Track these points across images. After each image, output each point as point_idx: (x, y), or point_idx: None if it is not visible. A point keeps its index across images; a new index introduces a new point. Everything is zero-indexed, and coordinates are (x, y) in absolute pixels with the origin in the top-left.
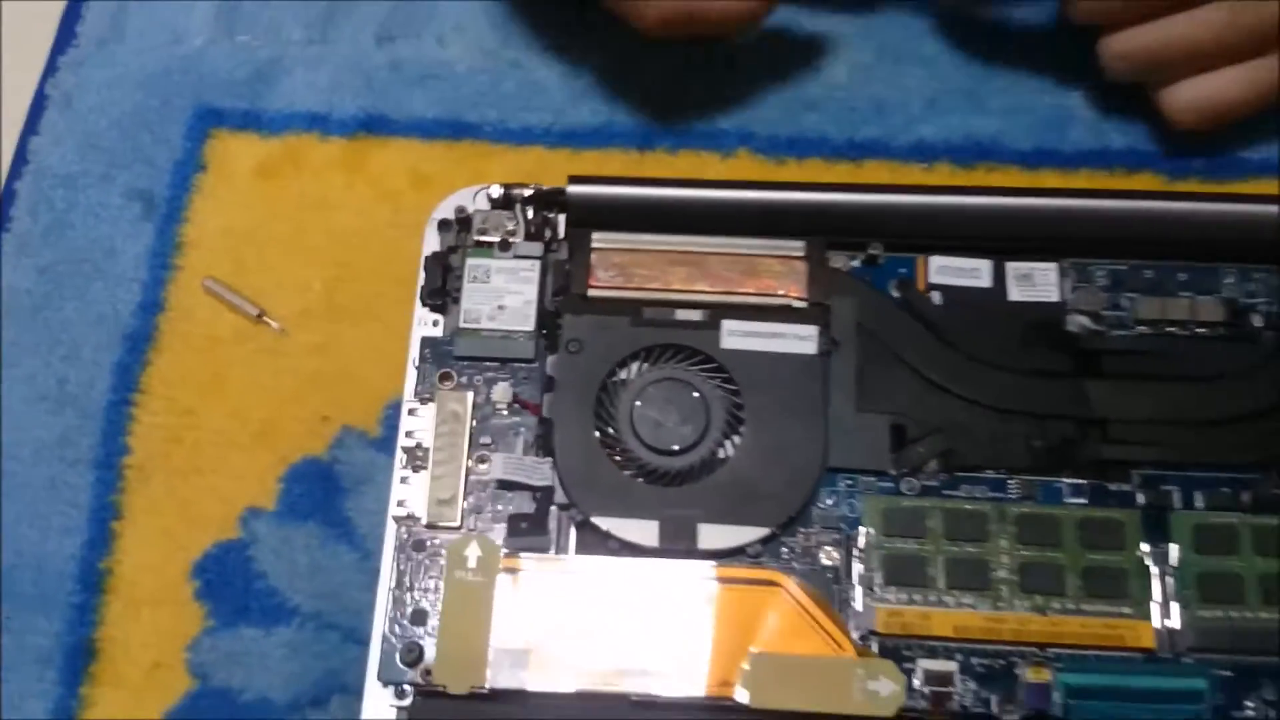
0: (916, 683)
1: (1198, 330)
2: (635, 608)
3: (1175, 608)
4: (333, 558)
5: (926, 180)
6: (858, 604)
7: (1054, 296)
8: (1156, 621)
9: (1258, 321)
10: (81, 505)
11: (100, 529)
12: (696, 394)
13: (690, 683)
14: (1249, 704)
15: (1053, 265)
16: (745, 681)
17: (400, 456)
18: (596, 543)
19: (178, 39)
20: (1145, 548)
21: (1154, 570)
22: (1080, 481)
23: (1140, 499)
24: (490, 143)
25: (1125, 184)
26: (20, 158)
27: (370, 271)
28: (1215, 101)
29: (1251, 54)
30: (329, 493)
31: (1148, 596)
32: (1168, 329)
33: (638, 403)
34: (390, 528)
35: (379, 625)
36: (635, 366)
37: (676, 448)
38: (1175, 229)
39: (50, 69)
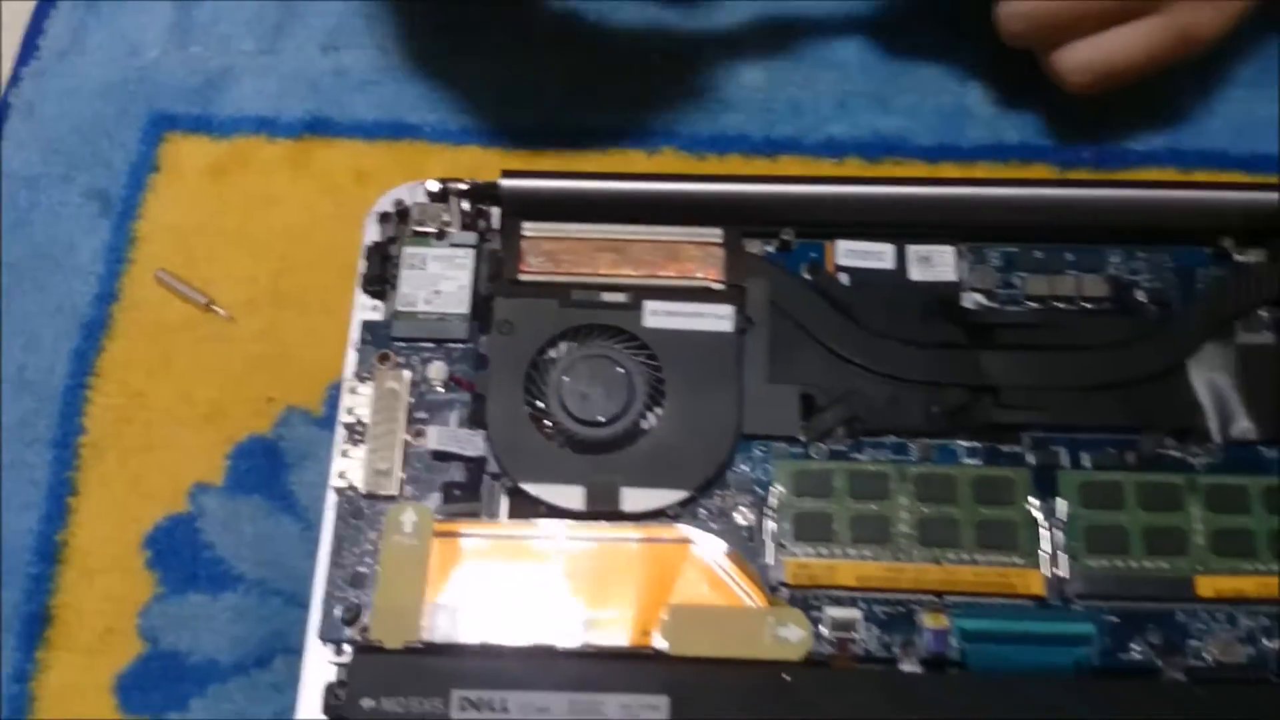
0: (823, 630)
1: (1084, 305)
2: (562, 567)
3: (1064, 558)
4: (277, 528)
5: (836, 174)
6: (769, 558)
7: (951, 276)
8: (1046, 571)
9: (1140, 296)
10: (39, 482)
11: (57, 504)
12: (620, 370)
13: (613, 634)
14: (1135, 647)
15: (950, 248)
16: (664, 631)
17: (340, 432)
18: (526, 508)
19: (134, 51)
20: (1035, 503)
21: (1043, 524)
22: (975, 444)
23: (1030, 459)
24: (429, 142)
25: (1018, 174)
26: None
27: (314, 263)
28: (1108, 62)
29: (1143, 13)
30: (274, 468)
31: (1037, 548)
32: (1055, 304)
33: (565, 378)
34: (330, 497)
35: (319, 587)
36: (563, 346)
37: (602, 419)
38: (1063, 214)
39: (14, 80)
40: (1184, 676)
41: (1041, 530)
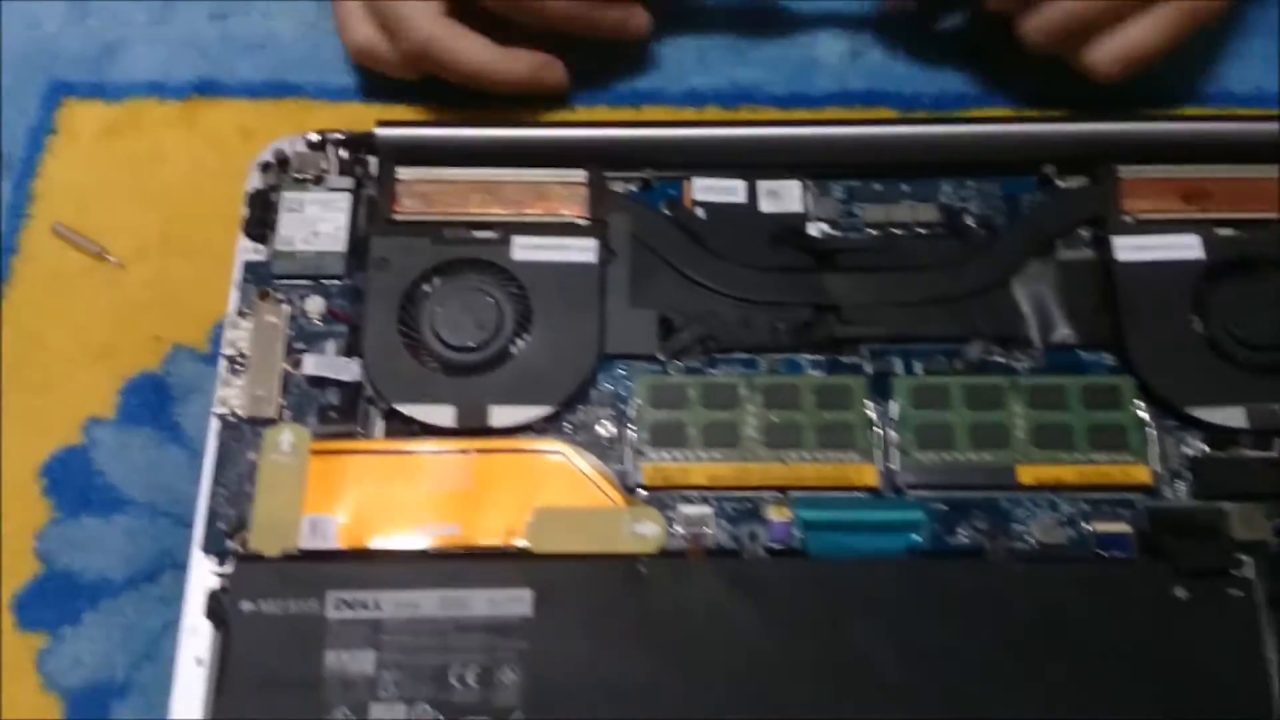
0: (677, 526)
1: (918, 230)
2: (434, 479)
3: (896, 454)
4: (165, 457)
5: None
6: (628, 464)
7: (798, 208)
8: (880, 465)
9: (970, 221)
10: None
11: None
12: (490, 299)
13: (482, 537)
14: (962, 531)
15: (796, 183)
16: (529, 531)
17: (223, 364)
18: (401, 428)
19: (33, 26)
20: (870, 406)
21: (878, 425)
22: (818, 357)
23: (868, 369)
24: (310, 99)
25: (860, 116)
26: None
27: (201, 213)
28: (1135, 51)
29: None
30: (162, 401)
31: (872, 445)
32: (892, 230)
33: (438, 308)
34: (213, 423)
35: (203, 503)
36: (437, 280)
37: (472, 344)
38: (899, 150)
39: None
40: (1008, 558)
41: (876, 430)
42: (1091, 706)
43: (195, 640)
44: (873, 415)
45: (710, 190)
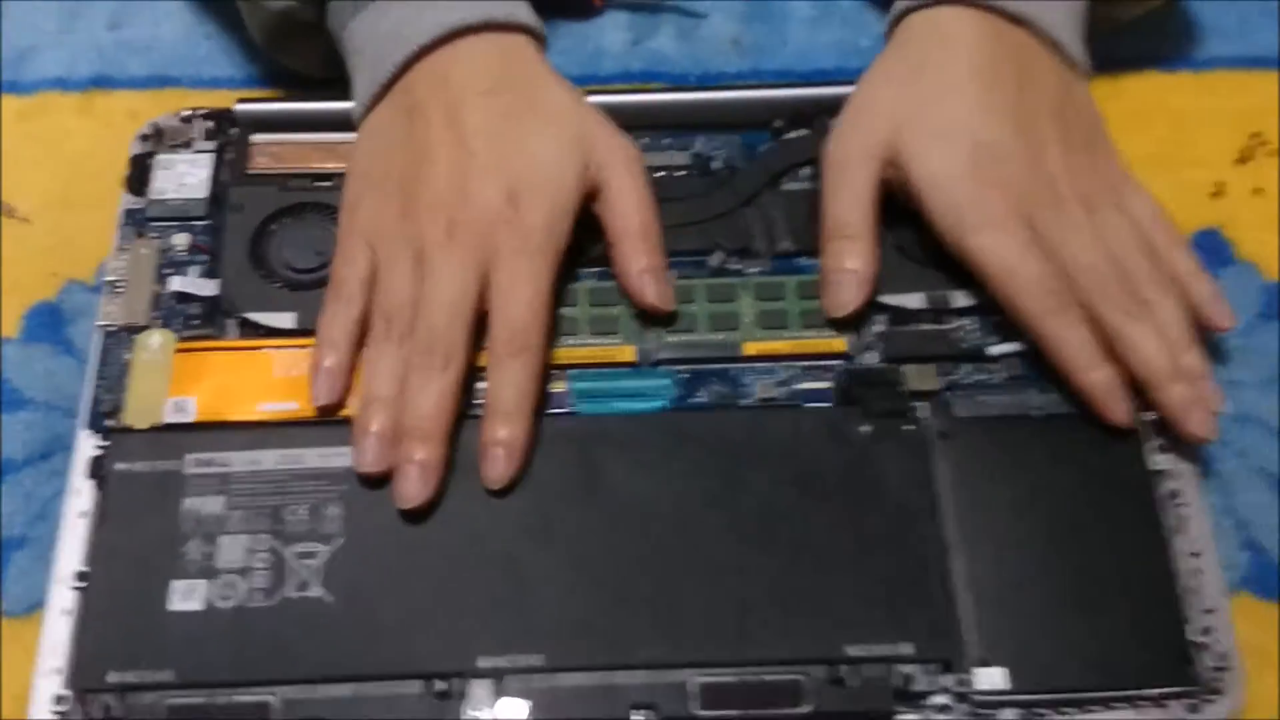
0: (475, 399)
1: (675, 173)
2: (275, 369)
3: (650, 336)
4: (59, 366)
5: None
6: None
7: None
8: (636, 346)
9: (716, 165)
10: None
11: None
12: (326, 232)
13: (309, 409)
14: (701, 393)
15: None
16: (354, 404)
17: (105, 289)
18: (251, 335)
19: None
20: (632, 306)
21: (636, 317)
22: (592, 269)
23: None
24: (188, 89)
25: (633, 88)
26: None
27: (96, 178)
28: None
29: None
30: (57, 324)
31: (631, 330)
32: (655, 172)
33: (285, 239)
34: (96, 333)
35: (88, 390)
36: (285, 220)
37: (311, 267)
38: (660, 113)
39: None
40: (735, 409)
41: (635, 321)
42: (799, 517)
43: (79, 499)
44: (631, 311)
45: None
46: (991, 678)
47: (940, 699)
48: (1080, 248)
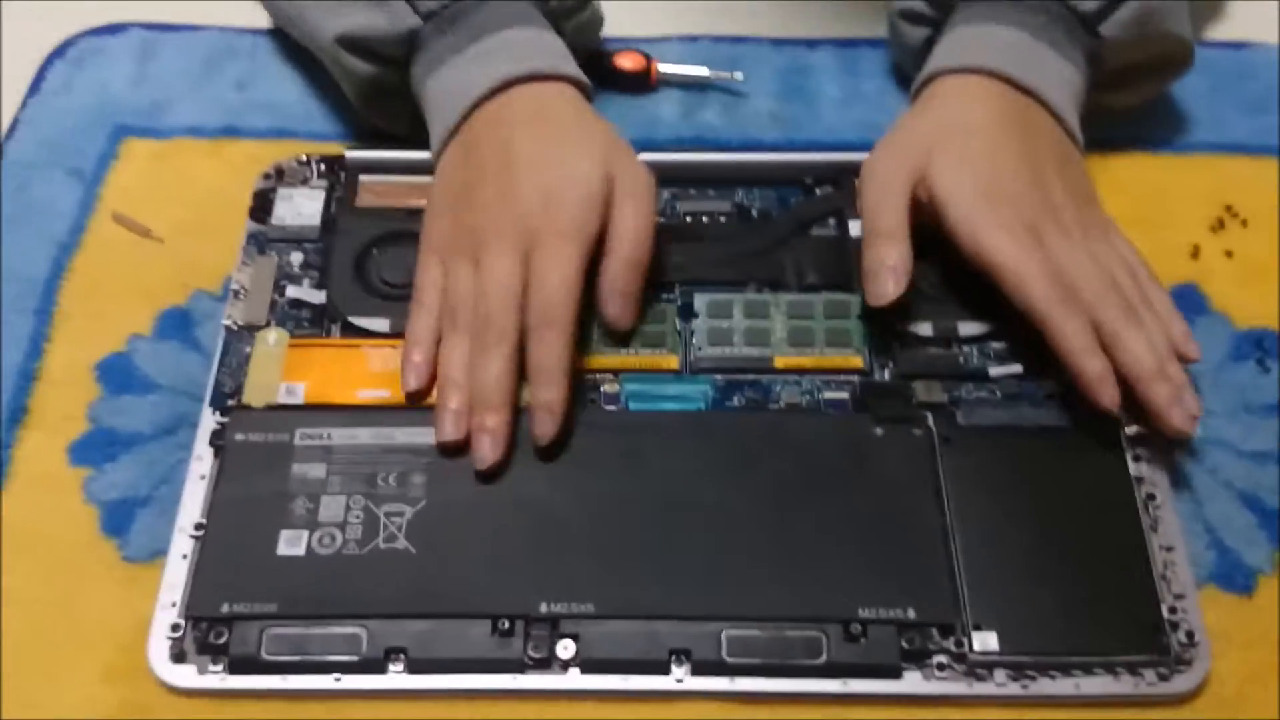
0: None
1: (718, 217)
2: (372, 364)
3: (693, 348)
4: (186, 359)
5: None
6: None
7: None
8: (680, 356)
9: (754, 212)
10: (24, 333)
11: (36, 345)
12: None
13: (399, 396)
14: (735, 398)
15: None
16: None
17: (230, 295)
18: (352, 334)
19: (104, 89)
20: (679, 321)
21: (681, 330)
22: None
23: (678, 299)
24: (302, 140)
25: (685, 151)
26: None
27: (222, 209)
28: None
29: None
30: (186, 324)
31: (677, 344)
32: (701, 218)
33: (382, 260)
34: (222, 330)
35: (212, 377)
36: (384, 244)
37: (404, 281)
38: (708, 170)
39: (23, 105)
40: (764, 413)
41: (681, 335)
42: (819, 500)
43: (200, 464)
44: (679, 325)
45: None
46: (985, 640)
47: (940, 658)
48: (1079, 261)
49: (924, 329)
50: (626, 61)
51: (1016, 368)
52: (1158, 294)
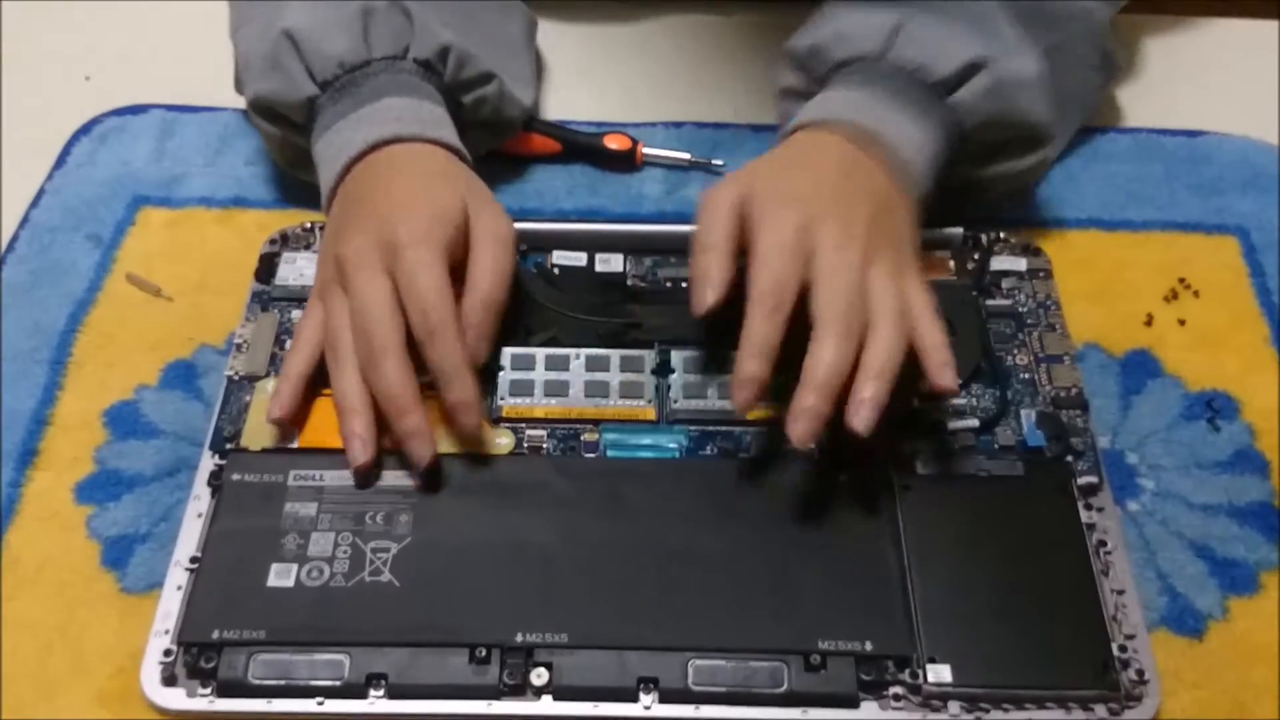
0: (525, 443)
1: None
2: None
3: (669, 401)
4: (188, 408)
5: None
6: (497, 403)
7: (620, 269)
8: (655, 407)
9: None
10: (39, 380)
11: (50, 393)
12: None
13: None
14: (709, 448)
15: (620, 255)
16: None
17: (233, 349)
18: None
19: (125, 163)
20: (655, 376)
21: (658, 384)
22: (625, 352)
23: (655, 356)
24: (310, 210)
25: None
26: (25, 219)
27: (228, 271)
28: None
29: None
30: (190, 376)
31: (655, 396)
32: (677, 284)
33: None
34: (224, 380)
35: (213, 423)
36: None
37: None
38: (688, 242)
39: (49, 177)
40: (733, 460)
41: (658, 389)
42: (783, 540)
43: (198, 503)
44: (654, 379)
45: (564, 258)
46: (939, 673)
47: (896, 689)
48: (837, 271)
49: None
50: (614, 143)
51: (973, 421)
52: (928, 329)
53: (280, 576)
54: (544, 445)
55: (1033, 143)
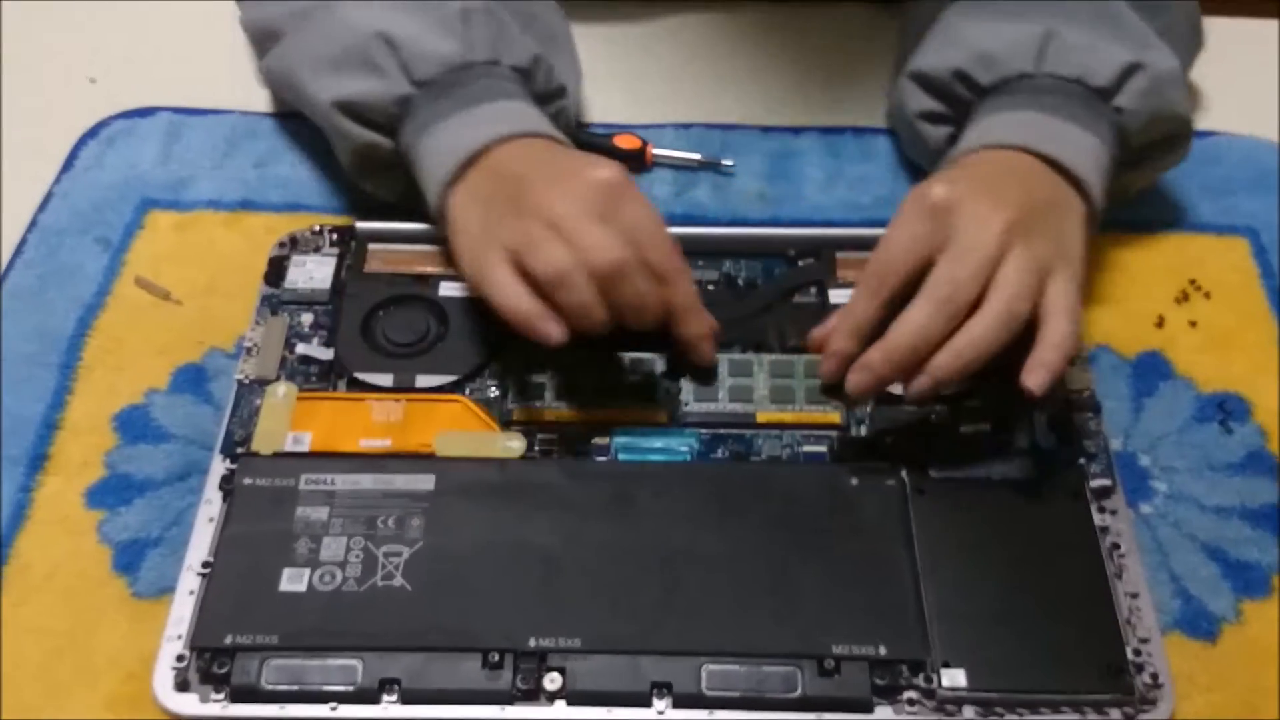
0: (536, 446)
1: (707, 286)
2: (375, 415)
3: (681, 404)
4: (198, 411)
5: None
6: (509, 406)
7: None
8: (667, 410)
9: (741, 281)
10: (48, 385)
11: (59, 397)
12: (421, 316)
13: (405, 447)
14: (720, 450)
15: None
16: (436, 443)
17: (243, 353)
18: (357, 389)
19: (132, 166)
20: (666, 379)
21: (671, 388)
22: (636, 354)
23: (667, 359)
24: (315, 213)
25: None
26: (33, 223)
27: (237, 275)
28: (971, 364)
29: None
30: (200, 380)
31: (666, 399)
32: (708, 286)
33: (389, 321)
34: (235, 384)
35: (223, 427)
36: (390, 306)
37: (408, 342)
38: (698, 243)
39: (57, 180)
40: (746, 463)
41: (670, 392)
42: (797, 544)
43: (209, 507)
44: (665, 383)
45: None
46: (954, 677)
47: (911, 694)
48: (967, 250)
49: (898, 387)
50: (624, 143)
51: (985, 425)
52: (1057, 327)
53: (292, 581)
54: (554, 449)
55: (1180, 137)
